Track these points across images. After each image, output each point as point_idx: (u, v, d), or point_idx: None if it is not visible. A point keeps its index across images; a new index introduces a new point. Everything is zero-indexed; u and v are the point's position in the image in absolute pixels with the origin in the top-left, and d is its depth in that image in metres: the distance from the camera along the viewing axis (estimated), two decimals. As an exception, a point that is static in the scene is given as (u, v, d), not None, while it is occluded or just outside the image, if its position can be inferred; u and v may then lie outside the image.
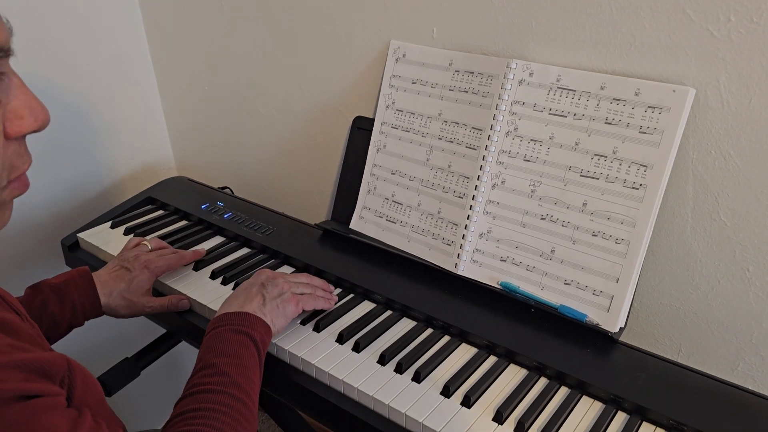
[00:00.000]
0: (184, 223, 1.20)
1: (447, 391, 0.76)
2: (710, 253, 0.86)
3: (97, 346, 1.41)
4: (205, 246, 1.10)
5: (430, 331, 0.88)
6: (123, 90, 1.40)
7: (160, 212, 1.24)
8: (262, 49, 1.24)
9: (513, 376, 0.80)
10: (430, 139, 1.00)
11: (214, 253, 1.06)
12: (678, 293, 0.90)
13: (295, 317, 0.86)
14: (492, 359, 0.82)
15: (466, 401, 0.74)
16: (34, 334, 0.60)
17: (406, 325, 0.89)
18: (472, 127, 0.95)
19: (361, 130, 1.10)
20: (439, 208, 0.99)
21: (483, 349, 0.84)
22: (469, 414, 0.73)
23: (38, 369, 0.53)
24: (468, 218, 0.95)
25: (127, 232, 1.15)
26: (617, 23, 0.82)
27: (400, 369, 0.79)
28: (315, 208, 1.33)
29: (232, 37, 1.28)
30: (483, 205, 0.94)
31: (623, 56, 0.84)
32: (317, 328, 0.87)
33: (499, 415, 0.72)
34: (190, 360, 1.68)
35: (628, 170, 0.82)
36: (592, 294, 0.84)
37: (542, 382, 0.78)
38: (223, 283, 0.98)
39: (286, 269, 1.03)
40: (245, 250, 1.09)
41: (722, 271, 0.86)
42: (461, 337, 0.86)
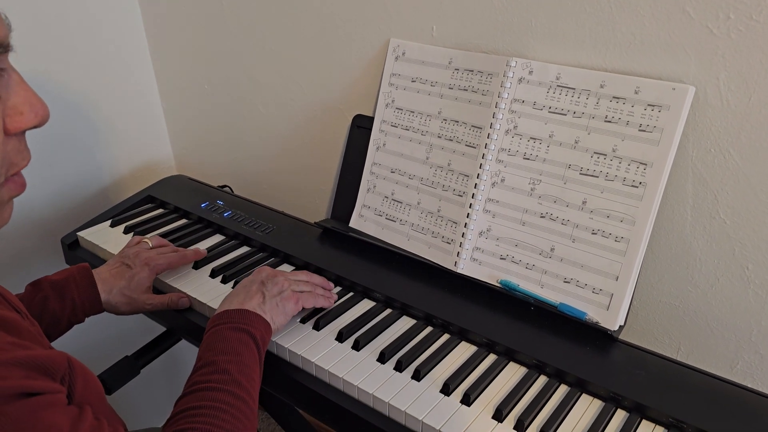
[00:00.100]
0: (183, 221, 1.20)
1: (447, 389, 0.76)
2: (710, 251, 0.86)
3: (97, 345, 1.41)
4: (205, 244, 1.10)
5: (429, 329, 0.88)
6: (123, 88, 1.40)
7: (160, 211, 1.24)
8: (262, 47, 1.24)
9: (512, 374, 0.80)
10: (429, 137, 1.00)
11: (214, 252, 1.06)
12: (677, 291, 0.90)
13: (295, 315, 0.86)
14: (491, 357, 0.82)
15: (466, 399, 0.74)
16: (35, 333, 0.60)
17: (405, 323, 0.89)
18: (472, 126, 0.95)
19: (361, 128, 1.10)
20: (439, 207, 0.99)
21: (482, 347, 0.84)
22: (469, 412, 0.73)
23: (39, 366, 0.53)
24: (468, 216, 0.95)
25: (126, 231, 1.15)
26: (617, 21, 0.83)
27: (400, 367, 0.79)
28: (315, 207, 1.33)
29: (231, 36, 1.28)
30: (483, 203, 0.94)
31: (623, 54, 0.84)
32: (317, 327, 0.87)
33: (499, 413, 0.72)
34: (190, 358, 1.68)
35: (627, 168, 0.82)
36: (592, 292, 0.85)
37: (542, 380, 0.79)
38: (223, 282, 0.98)
39: (286, 268, 1.03)
40: (245, 249, 1.09)
41: (721, 269, 0.86)
42: (461, 335, 0.86)
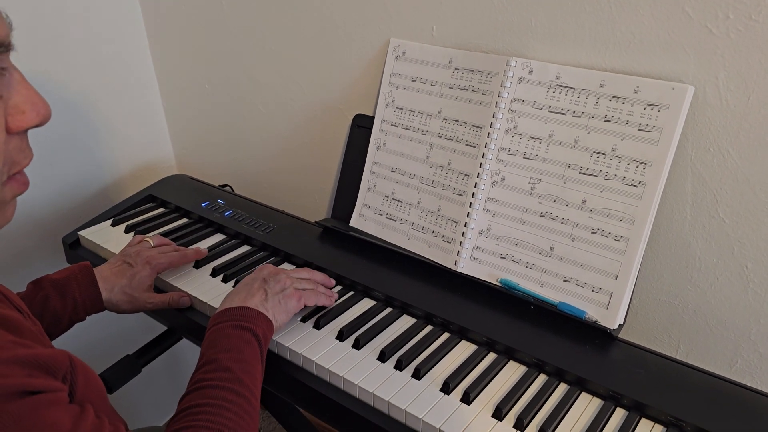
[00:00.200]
0: (184, 220, 1.20)
1: (447, 388, 0.76)
2: (709, 250, 0.86)
3: (99, 343, 1.41)
4: (206, 244, 1.10)
5: (429, 328, 0.88)
6: (123, 88, 1.40)
7: (161, 210, 1.24)
8: (262, 47, 1.24)
9: (512, 372, 0.80)
10: (429, 136, 1.00)
11: (215, 251, 1.07)
12: (677, 290, 0.91)
13: (296, 314, 0.86)
14: (491, 356, 0.83)
15: (466, 398, 0.75)
16: (36, 332, 0.60)
17: (406, 322, 0.89)
18: (472, 125, 0.95)
19: (361, 128, 1.10)
20: (439, 206, 0.99)
21: (482, 346, 0.84)
22: (469, 410, 0.74)
23: (41, 365, 0.53)
24: (468, 216, 0.95)
25: (127, 230, 1.16)
26: (616, 21, 0.83)
27: (400, 366, 0.80)
28: (315, 206, 1.33)
29: (232, 35, 1.28)
30: (483, 202, 0.94)
31: (622, 54, 0.84)
32: (317, 326, 0.87)
33: (499, 412, 0.73)
34: (191, 357, 1.69)
35: (627, 167, 0.82)
36: (591, 291, 0.85)
37: (541, 379, 0.79)
38: (224, 281, 0.99)
39: (287, 267, 1.03)
40: (246, 248, 1.09)
41: (721, 268, 0.86)
42: (461, 334, 0.86)
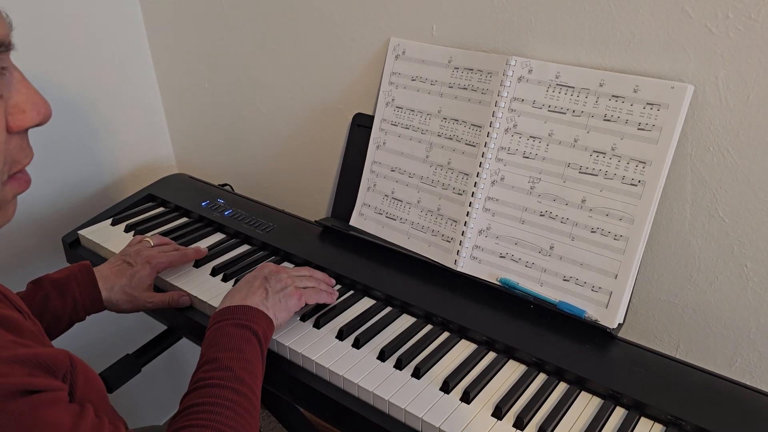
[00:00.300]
0: (184, 220, 1.20)
1: (446, 387, 0.76)
2: (708, 249, 0.86)
3: (99, 343, 1.42)
4: (206, 243, 1.10)
5: (429, 327, 0.88)
6: (123, 87, 1.40)
7: (161, 209, 1.24)
8: (262, 46, 1.24)
9: (512, 371, 0.80)
10: (429, 136, 1.01)
11: (215, 250, 1.07)
12: (676, 289, 0.91)
13: (296, 313, 0.87)
14: (491, 355, 0.83)
15: (466, 397, 0.75)
16: (36, 332, 0.60)
17: (405, 321, 0.90)
18: (472, 124, 0.95)
19: (361, 127, 1.10)
20: (439, 205, 0.99)
21: (482, 345, 0.84)
22: (469, 409, 0.74)
23: (41, 364, 0.53)
24: (467, 215, 0.95)
25: (127, 230, 1.16)
26: (616, 20, 0.83)
27: (400, 365, 0.80)
28: (315, 205, 1.33)
29: (232, 35, 1.28)
30: (482, 201, 0.94)
31: (622, 53, 0.84)
32: (317, 325, 0.87)
33: (498, 411, 0.73)
34: (191, 356, 1.69)
35: (626, 167, 0.82)
36: (591, 290, 0.85)
37: (541, 378, 0.79)
38: (224, 280, 0.99)
39: (287, 266, 1.03)
40: (246, 247, 1.10)
41: (720, 267, 0.86)
42: (461, 333, 0.86)
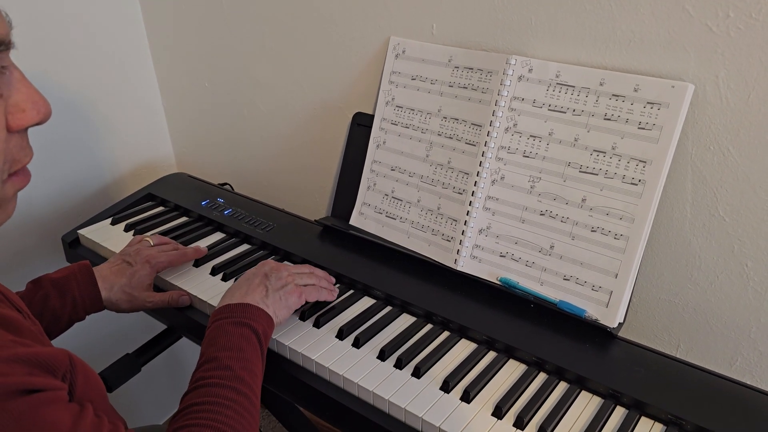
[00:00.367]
0: (184, 219, 1.20)
1: (446, 387, 0.76)
2: (709, 248, 0.86)
3: (98, 342, 1.41)
4: (206, 242, 1.10)
5: (429, 326, 0.88)
6: (123, 87, 1.40)
7: (161, 209, 1.24)
8: (262, 45, 1.24)
9: (512, 371, 0.80)
10: (429, 135, 1.00)
11: (215, 250, 1.06)
12: (677, 288, 0.91)
13: (295, 313, 0.86)
14: (491, 354, 0.83)
15: (466, 396, 0.75)
16: (36, 332, 0.60)
17: (405, 320, 0.89)
18: (472, 123, 0.95)
19: (361, 126, 1.10)
20: (439, 204, 0.99)
21: (482, 345, 0.84)
22: (469, 409, 0.74)
23: (41, 363, 0.53)
24: (467, 214, 0.95)
25: (127, 229, 1.15)
26: (616, 19, 0.83)
27: (400, 364, 0.80)
28: (315, 205, 1.33)
29: (232, 34, 1.28)
30: (482, 201, 0.94)
31: (622, 52, 0.84)
32: (317, 324, 0.87)
33: (499, 410, 0.73)
34: (191, 356, 1.69)
35: (627, 166, 0.82)
36: (591, 289, 0.85)
37: (541, 377, 0.79)
38: (224, 280, 0.99)
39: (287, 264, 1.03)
40: (245, 247, 1.09)
41: (721, 267, 0.86)
42: (461, 332, 0.86)
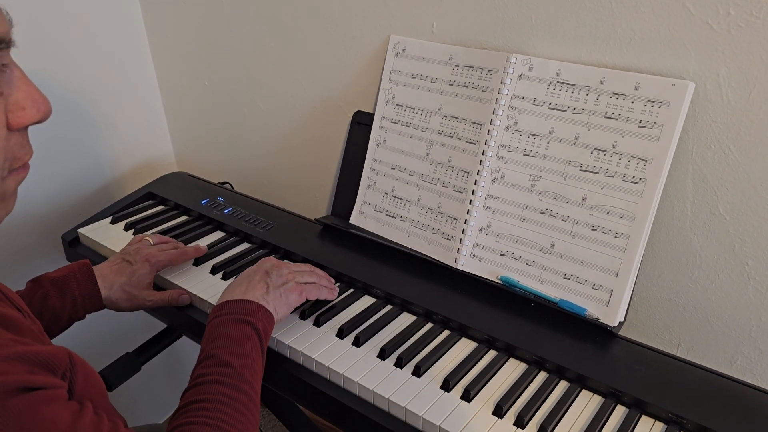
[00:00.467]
0: (184, 218, 1.20)
1: (447, 385, 0.76)
2: (710, 247, 0.86)
3: (98, 341, 1.41)
4: (206, 241, 1.10)
5: (430, 325, 0.88)
6: (123, 86, 1.40)
7: (161, 207, 1.24)
8: (262, 44, 1.24)
9: (513, 370, 0.80)
10: (429, 133, 1.00)
11: (215, 249, 1.06)
12: (677, 287, 0.91)
13: (294, 312, 0.86)
14: (492, 353, 0.83)
15: (466, 395, 0.74)
16: (36, 330, 0.60)
17: (406, 319, 0.89)
18: (472, 122, 0.95)
19: (361, 125, 1.10)
20: (439, 203, 0.99)
21: (483, 344, 0.84)
22: (469, 408, 0.74)
23: (41, 362, 0.53)
24: (468, 213, 0.95)
25: (127, 228, 1.15)
26: (617, 17, 0.82)
27: (400, 363, 0.80)
28: (315, 204, 1.33)
29: (232, 33, 1.28)
30: (483, 199, 0.94)
31: (623, 50, 0.84)
32: (317, 323, 0.87)
33: (499, 409, 0.73)
34: (191, 355, 1.69)
35: (627, 164, 0.82)
36: (592, 288, 0.85)
37: (542, 376, 0.79)
38: (224, 278, 0.98)
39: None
40: (245, 245, 1.09)
41: (721, 265, 0.86)
42: (461, 331, 0.86)
